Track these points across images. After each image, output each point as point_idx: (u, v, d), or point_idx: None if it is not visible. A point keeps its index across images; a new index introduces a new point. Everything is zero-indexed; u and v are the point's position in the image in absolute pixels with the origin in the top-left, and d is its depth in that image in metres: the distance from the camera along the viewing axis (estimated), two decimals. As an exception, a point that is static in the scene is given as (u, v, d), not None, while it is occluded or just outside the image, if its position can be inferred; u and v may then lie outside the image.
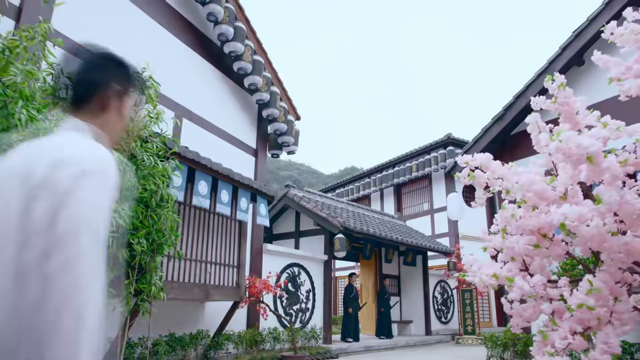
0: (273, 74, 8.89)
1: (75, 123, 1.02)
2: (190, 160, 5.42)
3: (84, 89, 1.07)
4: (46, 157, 0.87)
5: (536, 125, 3.33)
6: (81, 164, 0.86)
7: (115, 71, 1.13)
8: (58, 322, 0.75)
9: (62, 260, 0.78)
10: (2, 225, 0.83)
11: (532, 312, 2.98)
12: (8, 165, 0.90)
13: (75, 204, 0.82)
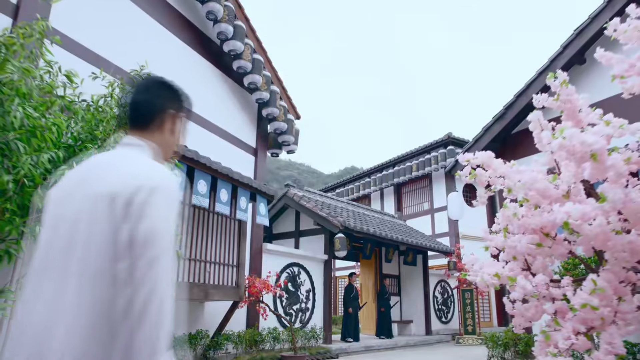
0: (273, 73, 8.85)
1: (137, 142, 1.19)
2: (189, 159, 5.38)
3: (145, 112, 1.24)
4: (124, 177, 1.04)
5: (538, 123, 3.30)
6: (153, 182, 1.03)
7: (171, 97, 1.31)
8: (145, 309, 0.93)
9: (146, 261, 0.95)
10: (94, 237, 0.99)
11: (534, 311, 2.94)
12: (91, 182, 1.05)
13: (151, 217, 0.99)
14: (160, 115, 1.26)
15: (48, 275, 1.02)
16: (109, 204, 1.00)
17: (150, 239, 0.98)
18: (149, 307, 0.94)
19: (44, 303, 1.00)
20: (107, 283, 0.96)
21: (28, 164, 3.33)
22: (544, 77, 6.91)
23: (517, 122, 7.19)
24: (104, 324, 0.95)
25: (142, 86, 1.29)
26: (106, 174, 1.06)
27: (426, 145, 16.46)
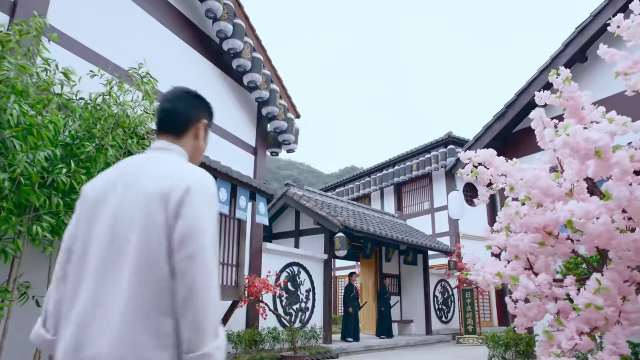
0: (272, 72, 8.82)
1: (172, 146, 1.31)
2: (188, 157, 5.34)
3: (179, 120, 1.35)
4: (166, 178, 1.15)
5: (540, 121, 3.25)
6: (193, 183, 1.14)
7: (201, 107, 1.43)
8: (189, 299, 1.04)
9: (188, 255, 1.06)
10: (142, 233, 1.09)
11: (536, 311, 2.90)
12: (133, 182, 1.17)
13: (192, 214, 1.10)
14: (193, 123, 1.38)
15: (92, 269, 1.12)
16: (154, 202, 1.11)
17: (191, 235, 1.09)
18: (192, 297, 1.05)
19: (89, 294, 1.09)
20: (157, 275, 1.07)
21: (24, 162, 3.29)
22: (546, 75, 6.88)
23: (519, 121, 7.15)
24: (154, 313, 1.06)
25: (176, 96, 1.40)
26: (148, 175, 1.17)
27: (426, 144, 16.42)
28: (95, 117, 4.22)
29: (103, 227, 1.15)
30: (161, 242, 1.09)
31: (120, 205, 1.15)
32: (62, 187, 3.69)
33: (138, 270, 1.07)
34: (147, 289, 1.06)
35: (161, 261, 1.08)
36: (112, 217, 1.14)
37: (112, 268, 1.10)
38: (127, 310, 1.04)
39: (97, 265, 1.12)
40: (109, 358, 1.02)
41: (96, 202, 1.20)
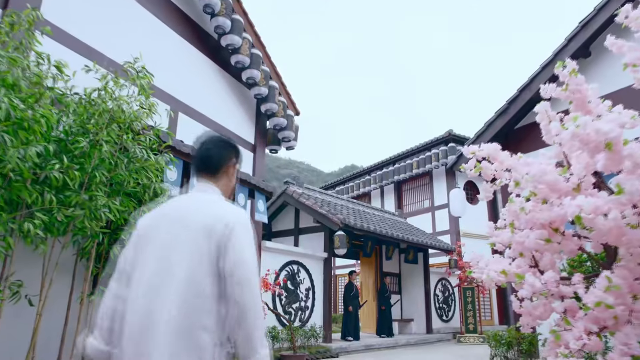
0: (271, 68, 8.72)
1: (210, 187, 1.56)
2: (186, 154, 5.26)
3: (214, 163, 1.59)
4: (212, 216, 1.38)
5: (546, 115, 3.16)
6: (235, 220, 1.38)
7: (232, 151, 1.66)
8: (253, 314, 1.27)
9: (237, 281, 1.28)
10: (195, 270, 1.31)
11: (542, 310, 2.82)
12: (186, 219, 1.40)
13: (236, 247, 1.33)
14: (225, 165, 1.62)
15: (144, 289, 1.33)
16: (200, 237, 1.35)
17: (238, 266, 1.31)
18: (245, 317, 1.28)
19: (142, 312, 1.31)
20: (201, 298, 1.29)
21: (15, 158, 3.20)
22: (548, 71, 6.78)
23: (521, 117, 7.06)
24: (197, 330, 1.27)
25: (211, 142, 1.64)
26: (195, 213, 1.42)
27: (427, 142, 16.33)
28: (89, 112, 4.13)
29: (154, 255, 1.38)
30: (206, 272, 1.32)
31: (170, 238, 1.39)
32: (55, 184, 3.59)
33: (184, 294, 1.29)
34: (190, 309, 1.28)
35: (206, 287, 1.31)
36: (162, 247, 1.38)
37: (161, 290, 1.31)
38: (174, 327, 1.26)
39: (148, 286, 1.33)
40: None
41: (149, 233, 1.44)
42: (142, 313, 1.30)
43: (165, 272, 1.33)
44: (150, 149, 4.49)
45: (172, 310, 1.27)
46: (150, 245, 1.41)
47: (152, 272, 1.35)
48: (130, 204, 4.26)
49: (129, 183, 4.15)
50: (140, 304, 1.32)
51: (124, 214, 4.20)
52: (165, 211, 1.51)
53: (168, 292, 1.29)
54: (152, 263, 1.37)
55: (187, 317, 1.27)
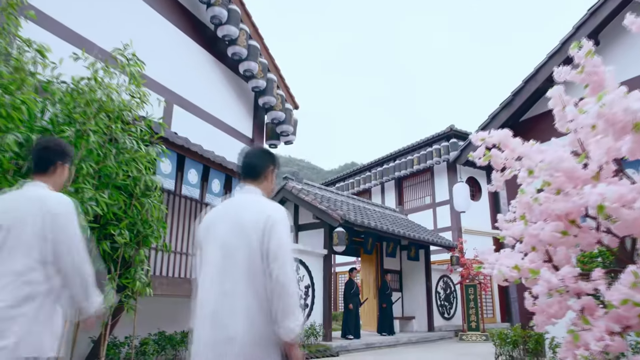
0: (269, 60, 8.51)
1: (254, 189, 1.88)
2: (179, 146, 5.06)
3: (257, 170, 1.91)
4: (258, 212, 1.73)
5: (560, 99, 2.95)
6: (276, 215, 1.73)
7: (271, 159, 1.98)
8: (287, 287, 1.61)
9: (277, 265, 1.63)
10: (249, 250, 1.67)
11: (557, 308, 2.61)
12: (236, 216, 1.76)
13: (277, 237, 1.67)
14: (265, 171, 1.94)
15: (212, 276, 1.71)
16: (251, 229, 1.69)
17: (279, 252, 1.65)
18: (281, 290, 1.61)
19: (230, 292, 1.66)
20: (261, 277, 1.65)
21: (-7, 147, 3.00)
22: (555, 61, 6.56)
23: (526, 109, 6.85)
24: (262, 301, 1.64)
25: (253, 153, 1.98)
26: (244, 210, 1.77)
27: (428, 138, 16.11)
28: (77, 101, 3.93)
29: (216, 246, 1.75)
30: (257, 256, 1.67)
31: (227, 231, 1.74)
32: (38, 175, 3.40)
33: (247, 276, 1.66)
34: (255, 287, 1.66)
35: (260, 269, 1.67)
36: (222, 239, 1.74)
37: (228, 275, 1.68)
38: (247, 303, 1.64)
39: (216, 273, 1.71)
40: (239, 335, 1.60)
41: (209, 228, 1.83)
42: (215, 299, 1.68)
43: (228, 262, 1.70)
44: (141, 140, 4.30)
45: (242, 292, 1.65)
46: (211, 239, 1.79)
47: (217, 263, 1.72)
48: (120, 197, 4.06)
49: (118, 175, 3.95)
50: (212, 291, 1.70)
51: (113, 207, 4.00)
52: (222, 209, 1.87)
53: (234, 278, 1.67)
54: (215, 255, 1.74)
55: (255, 295, 1.65)
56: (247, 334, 1.60)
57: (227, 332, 1.61)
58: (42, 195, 1.96)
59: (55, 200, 1.96)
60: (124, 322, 4.59)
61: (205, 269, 1.77)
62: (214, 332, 1.64)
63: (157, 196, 4.54)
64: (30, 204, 1.92)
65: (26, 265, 1.85)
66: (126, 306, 4.34)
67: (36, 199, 1.93)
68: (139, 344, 5.13)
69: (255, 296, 1.65)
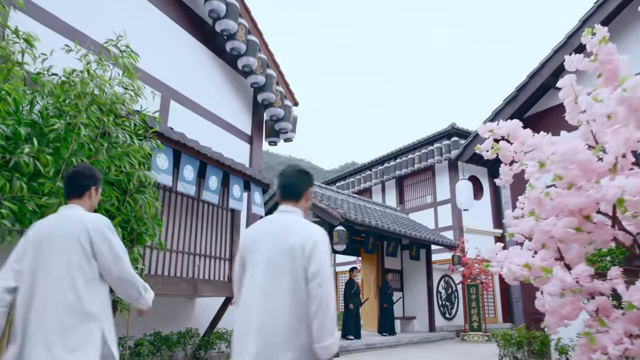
0: (269, 56, 8.36)
1: (293, 209, 2.02)
2: (175, 141, 4.91)
3: (296, 191, 2.05)
4: (300, 234, 1.86)
5: (571, 90, 2.81)
6: (317, 238, 1.85)
7: (308, 180, 2.12)
8: (327, 308, 1.73)
9: (317, 284, 1.75)
10: (292, 269, 1.81)
11: (570, 309, 2.47)
12: (280, 236, 1.88)
13: (317, 258, 1.80)
14: (305, 192, 2.07)
15: (258, 291, 1.83)
16: (294, 250, 1.81)
17: (319, 272, 1.76)
18: (321, 310, 1.72)
19: (274, 306, 1.78)
20: (302, 294, 1.78)
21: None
22: (560, 55, 6.40)
23: (531, 105, 6.70)
24: (302, 317, 1.76)
25: (292, 174, 2.08)
26: (287, 230, 1.88)
27: (429, 136, 15.96)
28: (68, 94, 3.79)
29: (261, 263, 1.86)
30: (300, 275, 1.79)
31: (272, 250, 1.86)
32: (25, 170, 3.26)
33: (289, 292, 1.78)
34: (296, 303, 1.77)
35: (302, 286, 1.78)
36: (266, 258, 1.85)
37: (272, 291, 1.80)
38: (289, 318, 1.75)
39: (260, 289, 1.82)
40: (283, 343, 1.72)
41: (254, 245, 1.92)
42: (259, 310, 1.79)
43: (271, 280, 1.82)
44: (135, 135, 4.15)
45: (284, 306, 1.77)
46: (255, 257, 1.90)
47: (260, 281, 1.83)
48: (113, 193, 3.92)
49: (111, 170, 3.81)
50: (257, 303, 1.81)
51: (105, 204, 3.86)
52: (264, 227, 1.98)
53: (277, 294, 1.79)
54: (259, 273, 1.85)
55: (296, 310, 1.77)
56: (288, 346, 1.74)
57: (271, 344, 1.73)
58: (81, 216, 2.15)
59: (94, 219, 2.15)
60: (118, 323, 4.43)
61: (248, 285, 1.90)
62: (258, 344, 1.74)
63: (152, 192, 4.40)
64: (72, 224, 2.10)
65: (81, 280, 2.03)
66: (119, 306, 4.20)
67: (77, 220, 2.12)
68: (133, 345, 4.99)
69: (296, 312, 1.77)
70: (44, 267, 2.02)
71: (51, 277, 2.00)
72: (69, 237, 2.06)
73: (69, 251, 2.04)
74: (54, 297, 1.96)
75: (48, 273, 2.01)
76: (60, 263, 2.02)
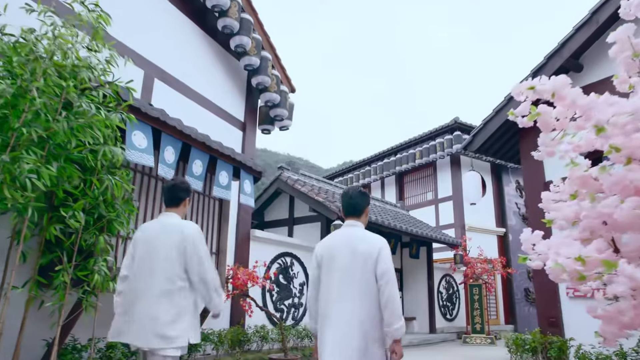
0: (264, 37, 7.80)
1: (357, 223, 2.60)
2: (154, 119, 4.36)
3: (359, 208, 2.64)
4: (368, 243, 2.43)
5: (628, 42, 2.28)
6: (381, 245, 2.43)
7: (367, 198, 2.72)
8: (388, 302, 2.29)
9: (385, 282, 2.32)
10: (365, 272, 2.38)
11: (633, 315, 1.95)
12: (351, 245, 2.45)
13: (384, 262, 2.37)
14: (366, 209, 2.68)
15: (335, 291, 2.42)
16: (365, 256, 2.39)
17: (385, 272, 2.34)
18: (389, 301, 2.29)
19: (347, 302, 2.36)
20: (371, 290, 2.35)
21: None
22: (582, 34, 5.84)
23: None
24: (370, 308, 2.33)
25: (355, 194, 2.67)
26: (357, 241, 2.46)
27: (431, 131, 15.42)
28: (22, 56, 3.23)
29: (337, 269, 2.44)
30: (370, 276, 2.37)
31: (346, 257, 2.44)
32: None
33: (362, 291, 2.36)
34: (368, 298, 2.35)
35: (371, 285, 2.36)
36: (341, 264, 2.43)
37: (347, 291, 2.38)
38: (360, 311, 2.33)
39: (337, 289, 2.41)
40: (358, 335, 2.29)
41: (332, 252, 2.51)
42: (337, 308, 2.39)
43: (348, 278, 2.39)
44: (105, 107, 3.59)
45: (358, 302, 2.34)
46: (333, 263, 2.47)
47: (338, 281, 2.42)
48: (75, 172, 3.36)
49: (71, 144, 3.25)
50: (335, 302, 2.40)
51: (64, 184, 3.31)
52: (338, 238, 2.56)
53: (351, 293, 2.37)
54: (337, 275, 2.44)
55: (369, 305, 2.34)
56: (359, 332, 2.29)
57: (347, 332, 2.30)
58: (178, 223, 2.76)
59: (187, 226, 2.76)
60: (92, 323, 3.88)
61: (326, 285, 2.46)
62: (338, 333, 2.33)
63: (126, 174, 3.85)
64: (172, 228, 2.72)
65: (175, 274, 2.66)
66: (84, 304, 3.65)
67: (176, 226, 2.73)
68: (104, 348, 4.43)
69: (367, 306, 2.33)
70: (148, 261, 2.68)
71: (153, 269, 2.65)
72: (168, 239, 2.68)
73: (167, 250, 2.66)
74: (154, 284, 2.62)
75: (151, 266, 2.66)
76: (159, 259, 2.65)
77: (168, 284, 2.60)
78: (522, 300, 14.72)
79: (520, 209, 16.01)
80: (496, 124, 6.59)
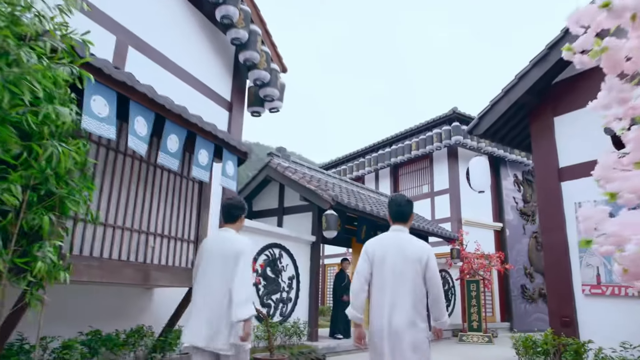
0: (253, 9, 7.18)
1: (404, 229, 3.15)
2: (120, 83, 3.73)
3: (406, 214, 3.17)
4: (417, 249, 3.02)
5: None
6: (429, 250, 3.06)
7: (412, 205, 3.23)
8: (441, 299, 2.98)
9: (433, 281, 2.98)
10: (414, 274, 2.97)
11: None
12: (402, 251, 3.01)
13: (431, 266, 2.99)
14: (411, 216, 3.19)
15: (388, 290, 2.93)
16: (415, 261, 2.94)
17: (432, 275, 2.96)
18: (437, 300, 2.95)
19: (390, 300, 2.90)
20: (421, 289, 2.93)
21: None
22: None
23: (563, 67, 5.62)
24: (416, 303, 2.90)
25: (403, 202, 3.18)
26: (407, 246, 3.00)
27: (428, 121, 14.89)
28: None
29: (389, 270, 2.95)
30: (419, 278, 2.92)
31: (397, 260, 2.95)
32: None
33: (412, 291, 2.89)
34: (417, 298, 2.89)
35: (419, 285, 2.92)
36: (393, 266, 2.95)
37: (398, 289, 2.90)
38: (410, 306, 2.85)
39: (391, 288, 2.91)
40: (404, 325, 2.82)
41: (384, 255, 3.00)
42: (390, 302, 2.89)
43: (400, 282, 2.91)
44: (53, 61, 2.98)
45: (408, 300, 2.86)
46: (385, 265, 2.97)
47: (391, 282, 2.93)
48: (10, 137, 2.74)
49: (4, 101, 2.63)
50: (389, 297, 2.90)
51: (-3, 150, 2.69)
52: (389, 242, 3.05)
53: (404, 291, 2.89)
54: (389, 276, 2.94)
55: (416, 302, 2.88)
56: (406, 323, 2.83)
57: (396, 324, 2.83)
58: (234, 238, 3.28)
59: (241, 241, 3.26)
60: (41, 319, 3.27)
61: (378, 286, 2.99)
62: (389, 325, 2.84)
63: (83, 145, 3.23)
64: (228, 243, 3.24)
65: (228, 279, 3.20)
66: (28, 297, 3.04)
67: (231, 240, 3.26)
68: (59, 347, 3.84)
69: (413, 302, 2.88)
70: (208, 269, 3.20)
71: (212, 277, 3.19)
72: (225, 251, 3.19)
73: (221, 260, 3.19)
74: (214, 288, 3.13)
75: (215, 273, 3.16)
76: (217, 266, 3.18)
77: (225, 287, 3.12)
78: (518, 297, 14.30)
79: (518, 203, 15.58)
80: (504, 106, 6.05)
